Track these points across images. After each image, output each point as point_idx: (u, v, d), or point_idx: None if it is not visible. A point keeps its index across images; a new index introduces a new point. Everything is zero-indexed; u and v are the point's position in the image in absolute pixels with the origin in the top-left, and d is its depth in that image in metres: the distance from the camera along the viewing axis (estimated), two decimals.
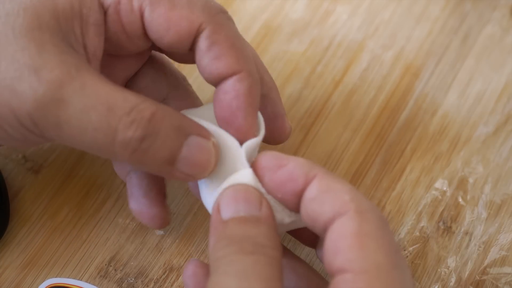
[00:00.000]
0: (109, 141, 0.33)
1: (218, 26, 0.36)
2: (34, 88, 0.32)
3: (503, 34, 0.51)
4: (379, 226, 0.32)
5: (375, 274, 0.31)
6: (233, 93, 0.35)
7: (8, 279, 0.42)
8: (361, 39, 0.51)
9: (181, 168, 0.35)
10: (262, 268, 0.32)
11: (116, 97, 0.33)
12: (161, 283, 0.42)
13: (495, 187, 0.45)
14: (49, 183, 0.45)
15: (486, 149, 0.46)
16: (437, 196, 0.45)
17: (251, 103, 0.36)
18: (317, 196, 0.33)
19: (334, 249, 0.32)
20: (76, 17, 0.35)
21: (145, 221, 0.40)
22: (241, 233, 0.33)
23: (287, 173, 0.34)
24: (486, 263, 0.42)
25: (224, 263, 0.32)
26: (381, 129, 0.47)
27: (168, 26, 0.35)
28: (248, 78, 0.36)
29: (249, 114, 0.36)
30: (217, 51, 0.35)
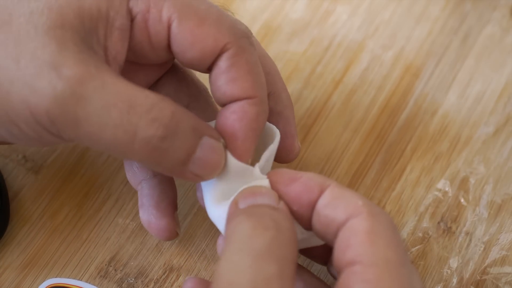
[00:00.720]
0: (129, 139, 0.33)
1: (241, 50, 0.36)
2: (53, 85, 0.32)
3: (503, 34, 0.51)
4: (390, 228, 0.33)
5: (384, 267, 0.31)
6: (240, 114, 0.36)
7: (8, 279, 0.42)
8: (361, 39, 0.51)
9: (193, 168, 0.35)
10: (278, 248, 0.32)
11: (137, 94, 0.33)
12: (161, 283, 0.42)
13: (496, 187, 0.45)
14: (49, 183, 0.45)
15: (487, 149, 0.46)
16: (439, 197, 0.45)
17: (255, 129, 0.36)
18: (330, 202, 0.34)
19: (345, 245, 0.33)
20: (101, 19, 0.35)
21: (154, 232, 0.41)
22: (259, 211, 0.33)
23: (303, 184, 0.35)
24: (487, 262, 0.42)
25: (239, 238, 0.32)
26: (381, 129, 0.47)
27: (193, 41, 0.35)
28: (259, 105, 0.36)
29: (249, 138, 0.36)
30: (235, 73, 0.36)
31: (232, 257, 0.31)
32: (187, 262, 0.42)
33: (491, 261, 0.42)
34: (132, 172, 0.41)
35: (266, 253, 0.31)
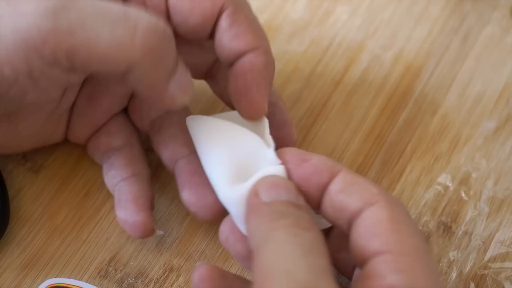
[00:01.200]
0: (129, 35, 0.33)
1: (238, 7, 0.37)
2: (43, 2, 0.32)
3: (503, 34, 0.51)
4: (408, 215, 0.33)
5: (415, 256, 0.32)
6: (249, 66, 0.37)
7: (8, 279, 0.42)
8: (361, 39, 0.51)
9: (172, 87, 0.35)
10: (320, 245, 0.32)
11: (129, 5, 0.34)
12: (161, 283, 0.42)
13: (498, 182, 0.45)
14: (49, 183, 0.45)
15: (489, 145, 0.46)
16: (440, 191, 0.45)
17: (266, 77, 0.37)
18: (344, 188, 0.34)
19: (369, 233, 0.33)
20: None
21: (128, 228, 0.40)
22: (292, 211, 0.33)
23: (313, 166, 0.35)
24: (487, 257, 0.42)
25: (283, 236, 0.32)
26: (381, 129, 0.47)
27: (192, 7, 0.37)
28: (265, 55, 0.37)
29: (262, 86, 0.37)
30: (237, 29, 0.37)
31: (279, 248, 0.31)
32: (187, 262, 0.42)
33: (491, 256, 0.42)
34: (111, 174, 0.42)
35: (313, 247, 0.32)
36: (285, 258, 0.31)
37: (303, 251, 0.31)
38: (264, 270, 0.31)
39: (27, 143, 0.43)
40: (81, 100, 0.43)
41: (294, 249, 0.31)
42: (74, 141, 0.44)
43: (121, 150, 0.42)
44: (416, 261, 0.32)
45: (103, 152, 0.43)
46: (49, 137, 0.43)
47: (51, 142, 0.44)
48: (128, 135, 0.43)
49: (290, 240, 0.31)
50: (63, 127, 0.43)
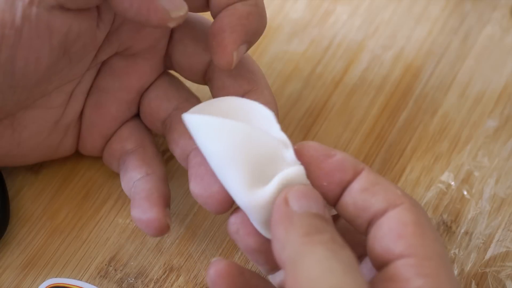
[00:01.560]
0: None
1: None
2: None
3: (503, 34, 0.51)
4: (430, 221, 0.33)
5: (439, 262, 0.32)
6: (232, 10, 0.36)
7: (8, 279, 0.42)
8: (361, 39, 0.51)
9: (163, 1, 0.34)
10: (357, 263, 0.32)
11: None
12: (161, 283, 0.42)
13: (499, 181, 0.45)
14: (49, 183, 0.45)
15: (490, 142, 0.46)
16: (442, 189, 0.45)
17: (245, 24, 0.36)
18: (368, 187, 0.34)
19: (393, 235, 0.32)
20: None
21: (143, 225, 0.39)
22: (325, 227, 0.33)
23: (337, 163, 0.35)
24: (488, 256, 0.42)
25: (322, 249, 0.31)
26: (381, 129, 0.47)
27: None
28: (253, 6, 0.37)
29: (237, 32, 0.36)
30: None
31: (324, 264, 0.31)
32: (187, 262, 0.42)
33: (492, 254, 0.42)
34: (126, 178, 0.42)
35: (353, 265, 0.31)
36: (330, 273, 0.30)
37: (345, 267, 0.31)
38: (306, 285, 0.30)
39: (33, 154, 0.42)
40: (88, 110, 0.43)
41: (337, 265, 0.30)
42: (89, 154, 0.44)
43: (134, 152, 0.42)
44: (440, 266, 0.31)
45: (118, 159, 0.43)
46: (55, 149, 0.43)
47: (59, 155, 0.44)
48: (140, 138, 0.43)
49: (331, 256, 0.31)
50: (71, 140, 0.43)
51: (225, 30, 0.36)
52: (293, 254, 0.31)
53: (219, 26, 0.36)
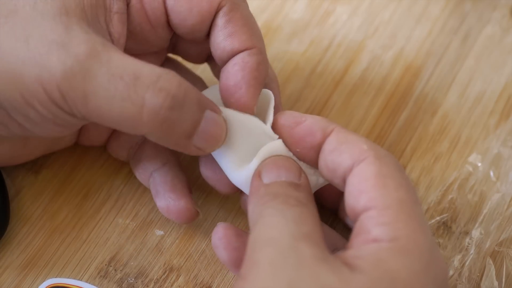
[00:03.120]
0: (137, 111, 0.34)
1: (235, 5, 0.37)
2: (62, 61, 0.33)
3: (503, 34, 0.51)
4: (397, 169, 0.34)
5: (398, 208, 0.33)
6: (241, 64, 0.37)
7: (8, 279, 0.42)
8: (361, 39, 0.51)
9: (196, 141, 0.36)
10: (307, 217, 0.33)
11: (143, 67, 0.34)
12: (161, 283, 0.42)
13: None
14: (49, 183, 0.45)
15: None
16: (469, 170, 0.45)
17: (257, 77, 0.37)
18: (336, 147, 0.35)
19: (356, 191, 0.34)
20: (100, 7, 0.36)
21: (174, 216, 0.41)
22: (284, 192, 0.35)
23: (306, 128, 0.36)
24: (507, 235, 0.42)
25: (271, 210, 0.34)
26: (381, 129, 0.47)
27: (190, 7, 0.37)
28: (258, 54, 0.37)
29: (252, 86, 0.37)
30: (232, 28, 0.37)
31: (266, 221, 0.33)
32: (187, 262, 0.42)
33: (509, 234, 0.43)
34: (141, 168, 0.42)
35: (298, 218, 0.33)
36: (270, 228, 0.33)
37: (288, 221, 0.33)
38: (252, 242, 0.33)
39: (37, 151, 0.43)
40: None
41: (279, 220, 0.33)
42: (91, 144, 0.44)
43: (145, 142, 0.43)
44: (400, 213, 0.32)
45: (128, 149, 0.43)
46: (58, 143, 0.43)
47: (60, 148, 0.44)
48: None
49: (277, 214, 0.33)
50: (75, 133, 0.43)
51: (241, 86, 0.37)
52: (253, 222, 0.34)
53: (234, 83, 0.37)
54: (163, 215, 0.42)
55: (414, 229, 0.32)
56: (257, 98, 0.37)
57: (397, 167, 0.34)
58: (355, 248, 0.33)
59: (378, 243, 0.32)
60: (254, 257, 0.32)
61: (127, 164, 0.45)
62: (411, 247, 0.32)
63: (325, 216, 0.43)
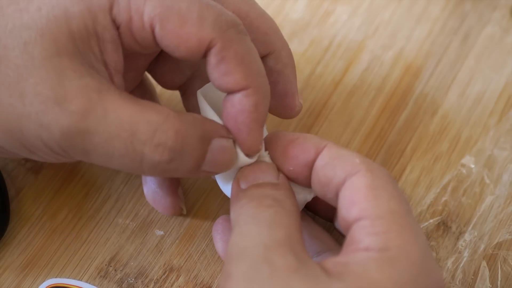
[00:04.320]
0: (137, 166, 0.34)
1: (228, 43, 0.35)
2: (58, 121, 0.33)
3: (503, 35, 0.51)
4: (389, 182, 0.34)
5: (391, 218, 0.33)
6: (239, 107, 0.36)
7: (8, 279, 0.42)
8: (361, 39, 0.51)
9: (206, 168, 0.36)
10: (282, 218, 0.34)
11: (139, 120, 0.34)
12: (161, 283, 0.42)
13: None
14: (49, 183, 0.45)
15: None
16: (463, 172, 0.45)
17: (256, 119, 0.36)
18: (328, 162, 0.36)
19: (349, 202, 0.34)
20: (92, 37, 0.35)
21: (160, 210, 0.43)
22: (260, 193, 0.35)
23: (299, 146, 0.37)
24: (501, 239, 0.42)
25: (245, 217, 0.34)
26: (381, 129, 0.47)
27: (178, 43, 0.35)
28: (255, 94, 0.36)
29: (253, 130, 0.36)
30: (225, 68, 0.35)
31: (240, 230, 0.33)
32: (187, 262, 0.42)
33: (505, 238, 0.43)
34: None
35: (272, 222, 0.33)
36: (243, 237, 0.33)
37: (260, 228, 0.33)
38: (228, 252, 0.33)
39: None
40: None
41: (251, 229, 0.33)
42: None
43: None
44: (392, 223, 0.32)
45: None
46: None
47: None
48: None
49: (250, 221, 0.33)
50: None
51: (242, 131, 0.36)
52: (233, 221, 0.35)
53: (235, 126, 0.36)
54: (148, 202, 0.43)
55: (406, 240, 0.32)
56: (261, 138, 0.37)
57: (389, 179, 0.34)
58: (343, 254, 0.33)
59: (368, 252, 0.32)
60: (228, 270, 0.32)
61: None
62: (401, 257, 0.31)
63: (321, 220, 0.43)
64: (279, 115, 0.41)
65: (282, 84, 0.40)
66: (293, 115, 0.41)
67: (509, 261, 0.42)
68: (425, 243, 0.33)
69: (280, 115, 0.41)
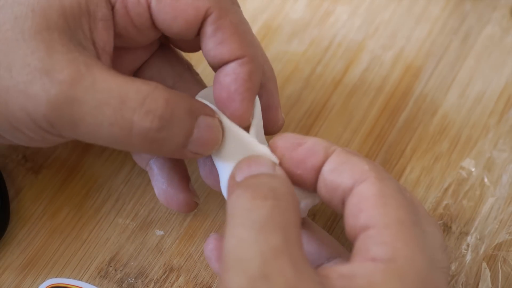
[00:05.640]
0: (126, 134, 0.34)
1: (224, 12, 0.36)
2: (46, 90, 0.33)
3: (503, 34, 0.51)
4: (398, 191, 0.34)
5: (398, 228, 0.32)
6: (233, 76, 0.36)
7: (8, 279, 0.42)
8: (361, 39, 0.51)
9: (192, 148, 0.35)
10: (280, 215, 0.32)
11: (128, 88, 0.33)
12: (161, 283, 0.42)
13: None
14: (49, 183, 0.45)
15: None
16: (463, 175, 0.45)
17: (250, 88, 0.36)
18: (336, 167, 0.35)
19: (356, 210, 0.33)
20: (83, 14, 0.35)
21: (174, 208, 0.41)
22: (255, 181, 0.34)
23: (307, 149, 0.36)
24: (502, 239, 0.42)
25: (239, 213, 0.32)
26: (381, 129, 0.47)
27: (175, 14, 0.36)
28: (250, 63, 0.36)
29: (246, 98, 0.36)
30: (221, 36, 0.36)
31: (235, 232, 0.32)
32: (187, 262, 0.42)
33: (505, 239, 0.43)
34: (137, 155, 0.42)
35: (268, 223, 0.31)
36: (237, 246, 0.31)
37: (256, 231, 0.31)
38: (224, 259, 0.31)
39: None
40: None
41: (246, 233, 0.31)
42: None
43: None
44: (399, 233, 0.32)
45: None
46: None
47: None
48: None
49: (244, 222, 0.32)
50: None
51: (234, 99, 0.36)
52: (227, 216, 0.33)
53: (227, 95, 0.36)
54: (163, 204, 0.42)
55: (413, 250, 0.32)
56: (252, 108, 0.37)
57: (398, 188, 0.34)
58: (350, 264, 0.32)
59: (375, 263, 0.31)
60: (225, 282, 0.31)
61: (127, 164, 0.45)
62: (407, 268, 0.31)
63: (324, 220, 0.43)
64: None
65: (265, 98, 0.40)
66: (276, 130, 0.41)
67: (509, 261, 0.42)
68: (432, 253, 0.33)
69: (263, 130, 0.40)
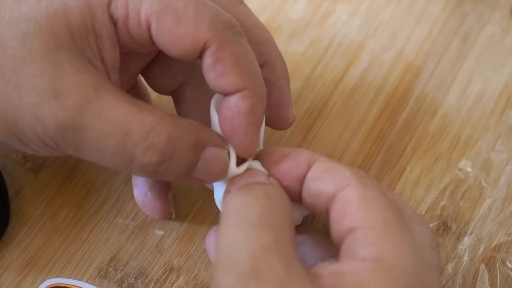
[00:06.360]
0: (127, 164, 0.34)
1: (224, 43, 0.35)
2: (54, 114, 0.33)
3: (503, 34, 0.51)
4: (381, 193, 0.34)
5: (384, 228, 0.32)
6: (235, 109, 0.35)
7: (8, 279, 0.42)
8: (361, 39, 0.51)
9: (197, 176, 0.35)
10: (271, 214, 0.33)
11: (133, 120, 0.34)
12: (161, 283, 0.42)
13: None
14: (49, 183, 0.45)
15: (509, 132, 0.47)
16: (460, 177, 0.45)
17: (252, 121, 0.36)
18: (319, 175, 0.35)
19: (341, 214, 0.33)
20: (90, 33, 0.35)
21: (148, 213, 0.43)
22: (250, 185, 0.35)
23: (291, 160, 0.36)
24: (499, 241, 0.42)
25: (231, 212, 0.33)
26: (381, 129, 0.47)
27: (173, 41, 0.35)
28: (251, 96, 0.36)
29: (250, 132, 0.36)
30: (221, 69, 0.35)
31: (227, 231, 0.32)
32: (187, 262, 0.42)
33: (503, 240, 0.43)
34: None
35: (259, 222, 0.32)
36: (228, 244, 0.32)
37: (247, 230, 0.32)
38: (216, 256, 0.32)
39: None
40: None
41: (237, 232, 0.32)
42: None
43: None
44: (385, 233, 0.32)
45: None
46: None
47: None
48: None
49: (235, 221, 0.32)
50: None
51: (239, 133, 0.36)
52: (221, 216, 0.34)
53: (231, 129, 0.36)
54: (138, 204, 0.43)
55: (401, 249, 0.32)
56: (258, 140, 0.37)
57: (381, 191, 0.34)
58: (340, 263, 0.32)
59: (364, 262, 0.32)
60: (216, 279, 0.31)
61: None
62: (396, 266, 0.31)
63: (323, 222, 0.43)
64: (273, 126, 0.40)
65: (276, 95, 0.40)
66: (286, 126, 0.41)
67: (507, 263, 0.42)
68: (420, 251, 0.33)
69: (273, 126, 0.40)
